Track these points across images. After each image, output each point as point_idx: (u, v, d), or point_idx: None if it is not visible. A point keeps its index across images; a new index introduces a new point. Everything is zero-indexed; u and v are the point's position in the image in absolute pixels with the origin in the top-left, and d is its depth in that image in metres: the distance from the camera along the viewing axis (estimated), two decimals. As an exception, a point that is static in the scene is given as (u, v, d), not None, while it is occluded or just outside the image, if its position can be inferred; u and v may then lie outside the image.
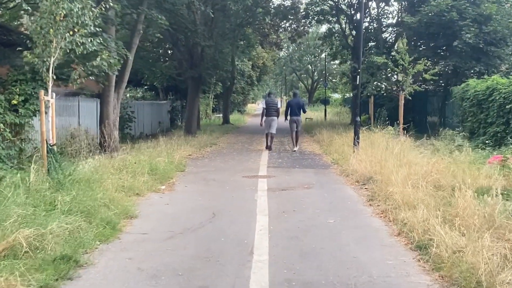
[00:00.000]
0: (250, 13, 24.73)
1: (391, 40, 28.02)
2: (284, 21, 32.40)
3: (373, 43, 28.79)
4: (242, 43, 30.73)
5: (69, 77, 10.01)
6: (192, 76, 21.49)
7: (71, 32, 8.73)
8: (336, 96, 58.95)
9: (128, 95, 28.92)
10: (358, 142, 12.56)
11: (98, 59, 10.89)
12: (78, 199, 6.73)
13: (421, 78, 16.93)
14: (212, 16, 19.84)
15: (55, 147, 8.84)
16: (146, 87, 30.81)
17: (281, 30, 34.75)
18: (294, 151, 15.99)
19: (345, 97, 47.06)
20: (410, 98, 16.53)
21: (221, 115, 36.38)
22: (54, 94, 9.11)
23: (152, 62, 24.35)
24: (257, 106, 72.92)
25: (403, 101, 16.43)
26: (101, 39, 9.51)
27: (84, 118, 16.48)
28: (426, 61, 16.88)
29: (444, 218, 6.11)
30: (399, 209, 6.97)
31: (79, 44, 8.83)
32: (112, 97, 14.33)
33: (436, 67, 17.31)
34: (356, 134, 12.65)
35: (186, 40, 21.44)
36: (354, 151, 12.23)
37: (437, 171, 8.44)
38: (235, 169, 12.02)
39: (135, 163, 10.41)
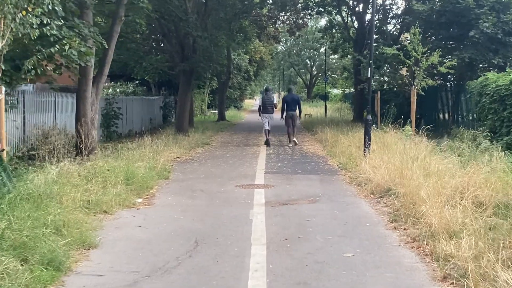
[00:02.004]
0: (247, 1, 23.03)
1: (395, 33, 26.40)
2: (283, 12, 30.78)
3: (376, 36, 27.24)
4: (238, 36, 29.10)
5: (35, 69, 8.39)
6: (183, 69, 19.78)
7: (23, 12, 7.09)
8: (336, 91, 57.21)
9: (118, 90, 27.32)
10: (369, 144, 10.91)
11: (66, 47, 9.35)
12: (16, 226, 5.10)
13: (435, 71, 15.30)
14: (204, 1, 18.14)
15: (4, 154, 7.22)
16: (137, 82, 29.10)
17: (279, 22, 33.14)
18: (290, 146, 16.17)
19: (346, 92, 45.36)
20: (423, 93, 14.91)
21: (217, 111, 34.69)
22: (3, 89, 7.51)
23: (142, 55, 22.64)
24: (254, 102, 71.18)
25: (415, 97, 14.81)
26: (55, 23, 7.79)
27: (61, 116, 14.94)
28: (440, 52, 15.27)
29: (501, 253, 4.49)
30: (436, 237, 5.36)
31: (34, 26, 7.20)
32: (89, 92, 12.61)
33: (453, 59, 15.62)
34: (367, 134, 10.99)
35: (177, 31, 19.72)
36: (365, 155, 10.60)
37: (474, 183, 6.82)
38: (228, 176, 10.38)
39: (108, 170, 8.75)
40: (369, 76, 11.40)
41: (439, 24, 18.28)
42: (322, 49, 58.59)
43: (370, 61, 11.38)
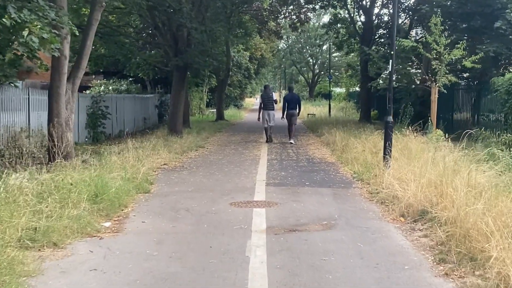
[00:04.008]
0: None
1: (404, 27, 24.70)
2: (285, 6, 29.07)
3: (384, 31, 25.62)
4: (239, 31, 27.43)
5: None
6: (176, 65, 18.04)
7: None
8: (339, 90, 55.42)
9: (110, 87, 25.76)
10: (390, 151, 9.16)
11: (25, 33, 7.73)
12: None
13: (459, 67, 13.56)
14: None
15: None
16: (131, 79, 27.41)
17: (281, 17, 31.47)
18: (291, 143, 16.22)
19: (350, 91, 43.60)
20: (445, 91, 13.16)
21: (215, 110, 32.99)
22: None
23: (134, 50, 20.92)
24: (255, 101, 69.49)
25: (436, 95, 13.08)
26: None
27: (36, 115, 13.34)
28: (464, 45, 13.52)
29: None
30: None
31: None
32: (63, 88, 10.89)
33: (479, 53, 13.85)
34: (388, 139, 9.24)
35: (170, 23, 17.99)
36: (386, 164, 8.86)
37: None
38: (222, 189, 8.64)
39: (71, 184, 7.03)
40: (390, 69, 9.65)
41: (458, 15, 16.54)
42: (325, 47, 56.94)
43: (392, 52, 9.61)
